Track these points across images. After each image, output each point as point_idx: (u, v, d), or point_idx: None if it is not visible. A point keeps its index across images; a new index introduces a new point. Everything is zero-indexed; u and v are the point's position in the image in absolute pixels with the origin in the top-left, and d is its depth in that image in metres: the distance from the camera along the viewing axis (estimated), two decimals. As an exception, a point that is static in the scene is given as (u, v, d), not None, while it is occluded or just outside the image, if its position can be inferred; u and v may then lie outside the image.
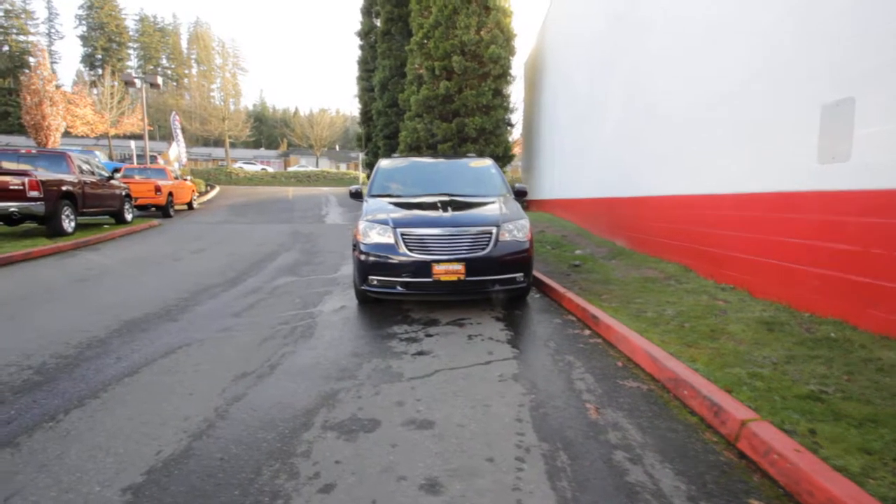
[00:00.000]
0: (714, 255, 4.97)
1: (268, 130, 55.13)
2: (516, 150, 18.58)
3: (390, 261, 4.07)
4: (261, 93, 70.76)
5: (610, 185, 7.99)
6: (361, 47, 21.99)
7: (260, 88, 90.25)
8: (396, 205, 4.70)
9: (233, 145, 39.45)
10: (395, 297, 4.41)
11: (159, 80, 21.47)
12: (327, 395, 2.64)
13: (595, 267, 6.25)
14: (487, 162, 5.78)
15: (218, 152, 41.36)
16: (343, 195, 26.80)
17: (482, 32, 14.95)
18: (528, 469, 1.93)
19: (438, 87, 14.95)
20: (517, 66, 16.32)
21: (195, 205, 17.74)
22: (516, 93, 28.43)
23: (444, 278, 3.99)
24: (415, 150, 15.95)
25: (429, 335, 3.74)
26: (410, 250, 4.05)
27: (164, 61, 40.83)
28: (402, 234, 4.11)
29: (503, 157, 15.99)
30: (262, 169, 39.72)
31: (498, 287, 4.14)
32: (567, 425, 2.29)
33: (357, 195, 5.47)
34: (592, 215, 9.07)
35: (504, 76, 15.36)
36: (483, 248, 4.08)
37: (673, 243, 5.91)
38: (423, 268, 4.01)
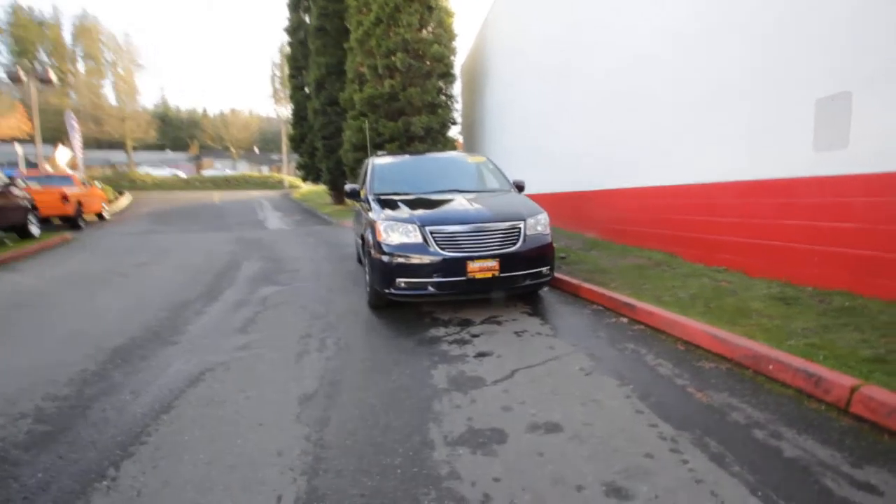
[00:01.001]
0: (703, 240, 5.34)
1: (173, 132, 50.29)
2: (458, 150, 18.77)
3: (420, 261, 3.85)
4: (162, 92, 64.07)
5: (577, 180, 8.29)
6: (290, 44, 20.89)
7: (161, 87, 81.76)
8: (410, 202, 4.46)
9: (134, 148, 35.36)
10: (423, 300, 4.18)
11: (52, 75, 18.60)
12: (422, 409, 2.40)
13: (581, 258, 6.44)
14: (482, 158, 5.71)
15: (117, 156, 36.81)
16: (277, 199, 25.24)
17: (425, 31, 14.87)
18: (693, 459, 1.88)
19: (383, 86, 14.60)
20: (456, 67, 16.46)
21: (106, 215, 15.62)
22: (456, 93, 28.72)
23: (478, 276, 3.85)
24: (361, 149, 15.43)
25: (474, 335, 3.58)
26: (442, 248, 3.85)
27: (42, 56, 35.44)
28: (432, 232, 3.90)
29: (450, 157, 16.01)
30: (173, 174, 36.22)
31: (528, 282, 4.08)
32: (688, 411, 2.29)
33: (353, 194, 5.12)
34: (556, 210, 9.38)
35: (448, 75, 15.39)
36: (514, 243, 4.00)
37: (653, 232, 6.27)
38: (457, 266, 3.83)
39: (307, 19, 20.59)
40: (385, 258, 3.96)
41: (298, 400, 2.55)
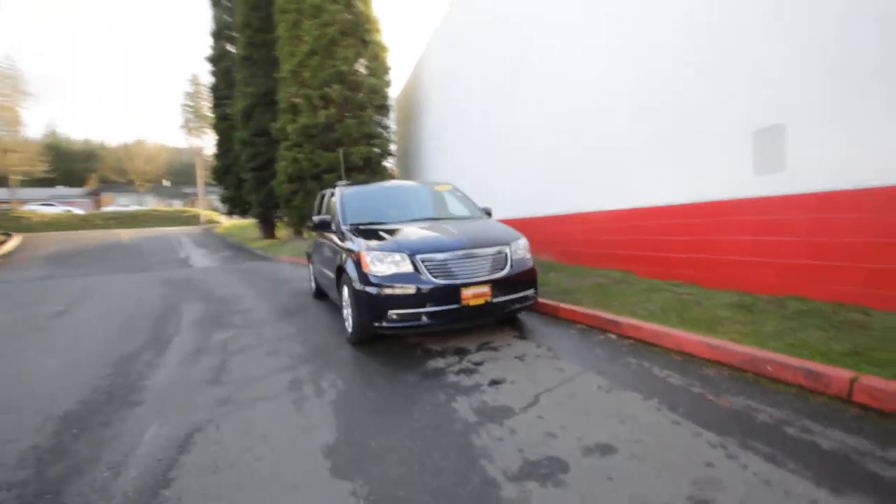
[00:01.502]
0: (656, 258, 5.77)
1: (65, 165, 45.08)
2: (395, 180, 18.79)
3: (412, 291, 3.72)
4: (50, 122, 57.23)
5: (529, 206, 8.63)
6: (214, 73, 19.85)
7: (48, 117, 72.97)
8: (389, 231, 4.33)
9: (21, 184, 31.03)
10: (415, 332, 4.01)
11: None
12: (464, 445, 2.26)
13: (542, 280, 6.63)
14: (449, 186, 5.75)
15: (-3, 193, 32.14)
16: (197, 235, 23.33)
17: (360, 64, 14.96)
18: (751, 463, 1.95)
19: (318, 116, 14.35)
20: (391, 100, 16.66)
21: (-10, 260, 13.42)
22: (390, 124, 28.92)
23: (472, 302, 3.80)
24: (297, 180, 14.90)
25: (477, 364, 3.50)
26: (435, 277, 3.76)
27: None
28: (423, 261, 3.80)
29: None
30: (67, 211, 32.24)
31: (517, 305, 4.11)
32: (719, 417, 2.39)
33: (323, 225, 4.88)
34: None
35: (384, 107, 15.54)
36: (503, 268, 4.02)
37: (608, 252, 6.67)
38: (451, 294, 3.76)
39: (230, 48, 19.85)
40: (373, 290, 3.78)
41: (322, 452, 2.29)
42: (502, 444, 2.25)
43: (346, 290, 4.34)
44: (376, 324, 3.80)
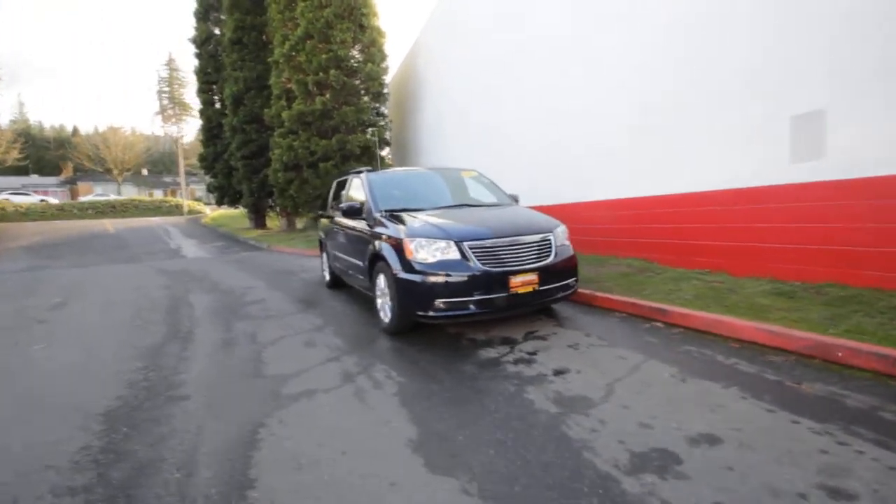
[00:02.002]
0: (681, 246, 5.75)
1: (37, 153, 43.17)
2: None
3: (461, 278, 3.59)
4: (20, 108, 54.31)
5: (536, 194, 8.54)
6: (199, 55, 19.12)
7: (19, 102, 69.43)
8: (427, 217, 4.18)
9: (-12, 171, 29.64)
10: (462, 321, 3.88)
11: None
12: (559, 438, 2.17)
13: (562, 269, 6.59)
14: (474, 172, 5.61)
15: (-40, 181, 30.56)
16: (184, 225, 22.64)
17: (358, 49, 14.58)
18: (867, 450, 1.91)
19: (314, 102, 13.97)
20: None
21: (-34, 251, 12.73)
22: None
23: (520, 290, 3.70)
24: (293, 168, 14.52)
25: (531, 353, 3.40)
26: (483, 264, 3.64)
27: None
28: (472, 247, 3.68)
29: (386, 176, 15.71)
30: (42, 200, 30.95)
31: (560, 294, 4.02)
32: (810, 404, 2.34)
33: (352, 212, 4.69)
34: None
35: (381, 95, 15.22)
36: (548, 255, 3.92)
37: (625, 241, 6.64)
38: (500, 281, 3.65)
39: (216, 31, 19.14)
40: (418, 278, 3.64)
41: (409, 447, 2.17)
42: (599, 436, 2.16)
43: (381, 279, 4.19)
44: (420, 313, 3.67)
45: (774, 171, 4.63)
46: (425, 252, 3.69)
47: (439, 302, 3.59)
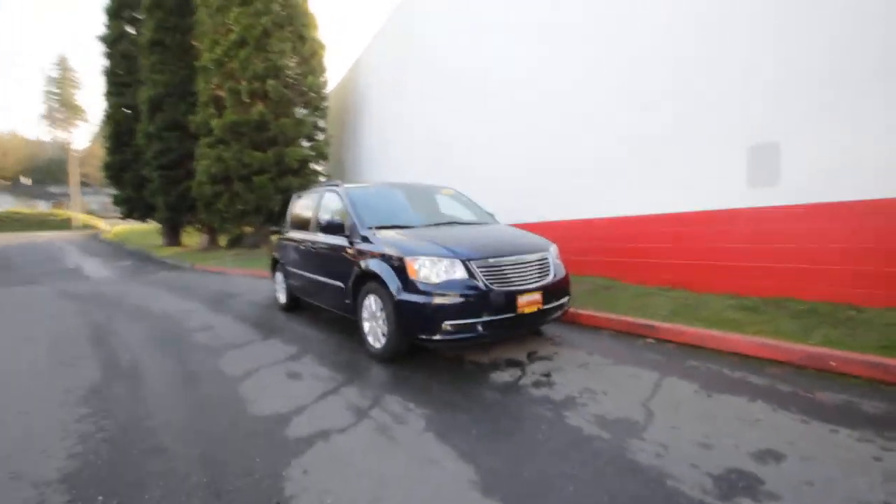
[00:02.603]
0: (643, 264, 6.07)
1: None
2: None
3: (469, 299, 3.42)
4: None
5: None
6: (109, 55, 17.15)
7: None
8: (421, 235, 3.97)
9: None
10: (467, 344, 3.66)
11: None
12: (628, 467, 2.06)
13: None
14: (452, 190, 5.49)
15: None
16: (82, 242, 19.87)
17: (296, 61, 13.99)
18: (914, 455, 2.03)
19: (250, 112, 13.10)
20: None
21: None
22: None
23: (526, 310, 3.61)
24: (222, 181, 13.38)
25: (545, 375, 3.30)
26: (492, 283, 3.50)
27: None
28: (479, 266, 3.52)
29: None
30: None
31: (558, 313, 3.99)
32: (833, 412, 2.48)
33: (334, 228, 4.32)
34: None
35: (321, 108, 14.70)
36: (548, 274, 3.89)
37: (588, 260, 6.89)
38: (508, 302, 3.52)
39: (130, 30, 17.37)
40: (422, 299, 3.40)
41: (477, 489, 1.93)
42: (669, 461, 2.09)
43: (371, 301, 3.87)
44: (425, 336, 3.43)
45: (734, 196, 5.06)
46: (430, 271, 3.47)
47: (447, 324, 3.38)
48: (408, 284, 3.48)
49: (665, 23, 5.66)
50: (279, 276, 6.30)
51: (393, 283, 3.56)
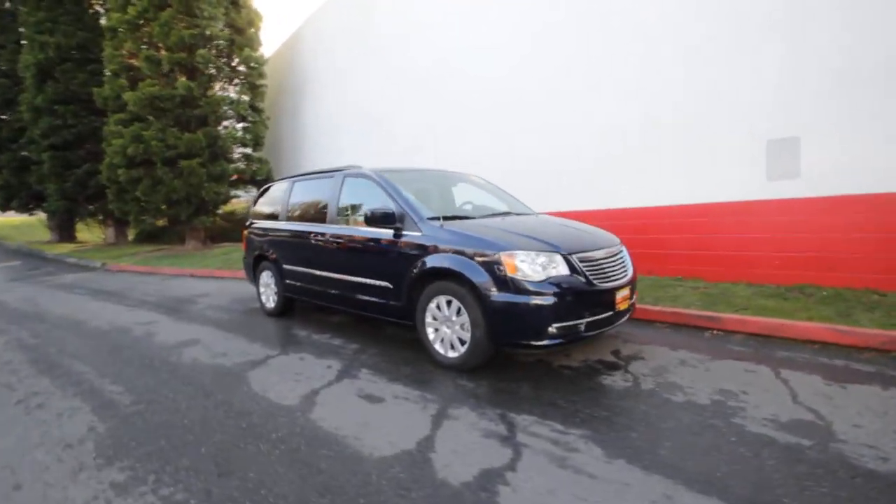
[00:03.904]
0: (652, 254, 6.15)
1: None
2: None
3: (576, 297, 3.06)
4: None
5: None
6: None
7: None
8: (493, 226, 3.52)
9: None
10: (564, 346, 3.27)
11: None
12: (852, 470, 1.87)
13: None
14: (479, 178, 5.03)
15: None
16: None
17: (230, 30, 12.34)
18: None
19: (175, 86, 11.30)
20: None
21: None
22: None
23: (621, 307, 3.35)
24: (141, 165, 11.40)
25: (654, 376, 3.06)
26: (594, 280, 3.17)
27: None
28: (581, 261, 3.17)
29: (267, 180, 13.64)
30: None
31: (634, 309, 3.78)
32: (975, 398, 2.55)
33: (382, 220, 3.66)
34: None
35: (260, 87, 13.18)
36: (629, 267, 3.66)
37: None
38: (609, 299, 3.23)
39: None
40: (526, 299, 2.97)
41: (762, 531, 1.60)
42: (887, 463, 1.94)
43: (439, 303, 3.34)
44: (527, 342, 3.02)
45: (753, 188, 5.26)
46: (531, 267, 3.04)
47: (553, 327, 2.99)
48: (505, 283, 3.02)
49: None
50: (266, 276, 5.38)
51: (482, 282, 3.08)
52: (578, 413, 2.59)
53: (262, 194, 5.87)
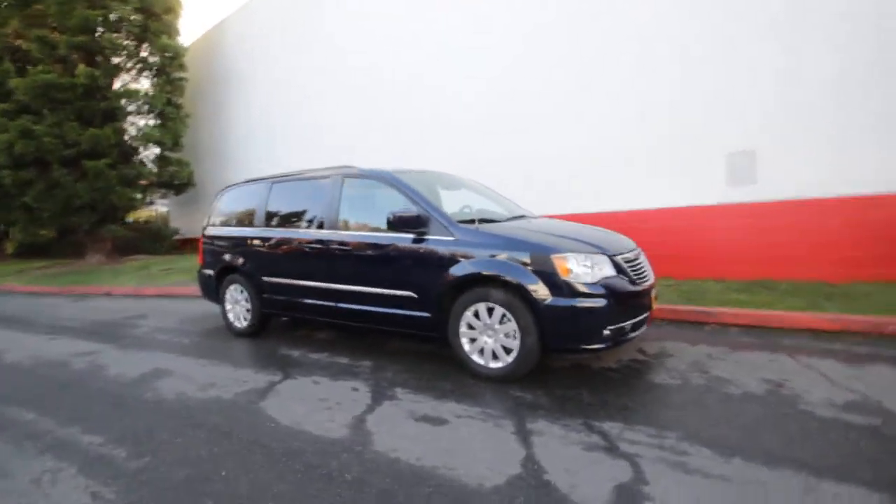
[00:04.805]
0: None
1: None
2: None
3: (625, 299, 3.05)
4: None
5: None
6: None
7: None
8: (521, 228, 3.41)
9: None
10: (615, 348, 3.21)
11: None
12: None
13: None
14: (475, 181, 4.88)
15: None
16: None
17: (142, 15, 10.89)
18: None
19: (75, 74, 9.72)
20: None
21: None
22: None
23: (654, 307, 3.41)
24: (33, 165, 9.58)
25: (704, 372, 3.14)
26: (637, 281, 3.18)
27: None
28: (625, 261, 3.17)
29: (186, 185, 12.26)
30: None
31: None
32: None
33: (409, 223, 3.35)
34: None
35: (180, 79, 11.81)
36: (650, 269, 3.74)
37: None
38: (647, 300, 3.27)
39: None
40: (581, 303, 2.89)
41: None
42: None
43: (476, 311, 3.14)
44: (585, 345, 2.94)
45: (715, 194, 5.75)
46: (583, 269, 2.97)
47: (608, 330, 2.94)
48: (558, 287, 2.91)
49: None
50: (234, 291, 4.74)
51: (534, 287, 2.94)
52: (656, 415, 2.55)
53: (221, 198, 5.18)
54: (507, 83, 7.38)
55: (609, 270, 3.05)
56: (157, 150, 11.50)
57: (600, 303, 2.91)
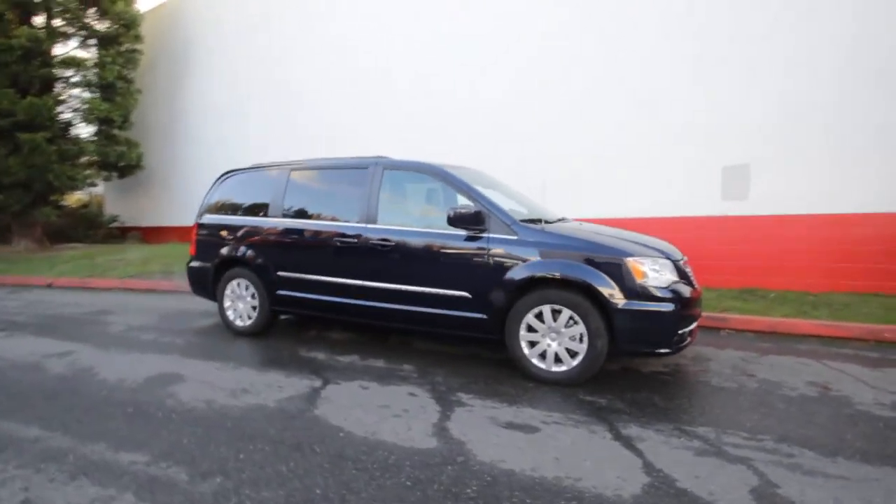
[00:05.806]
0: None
1: None
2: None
3: (691, 302, 3.11)
4: None
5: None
6: None
7: None
8: (583, 228, 3.38)
9: None
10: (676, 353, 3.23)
11: None
12: None
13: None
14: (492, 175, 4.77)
15: None
16: None
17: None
18: None
19: (13, 34, 8.49)
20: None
21: None
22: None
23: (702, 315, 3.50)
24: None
25: (750, 375, 3.26)
26: (693, 285, 3.25)
27: None
28: (685, 265, 3.22)
29: (134, 167, 11.12)
30: None
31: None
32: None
33: (470, 220, 3.18)
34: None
35: (136, 52, 10.69)
36: (688, 274, 3.85)
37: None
38: (699, 304, 3.34)
39: None
40: (658, 307, 2.90)
41: None
42: None
43: (539, 313, 3.06)
44: (656, 350, 2.96)
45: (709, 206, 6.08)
46: (655, 273, 2.98)
47: (679, 333, 2.98)
48: (633, 290, 2.90)
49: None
50: (237, 287, 4.31)
51: (608, 290, 2.91)
52: (737, 418, 2.59)
53: (222, 184, 4.69)
54: (512, 95, 7.40)
55: (673, 275, 3.09)
56: (102, 127, 10.27)
57: (669, 307, 2.93)
